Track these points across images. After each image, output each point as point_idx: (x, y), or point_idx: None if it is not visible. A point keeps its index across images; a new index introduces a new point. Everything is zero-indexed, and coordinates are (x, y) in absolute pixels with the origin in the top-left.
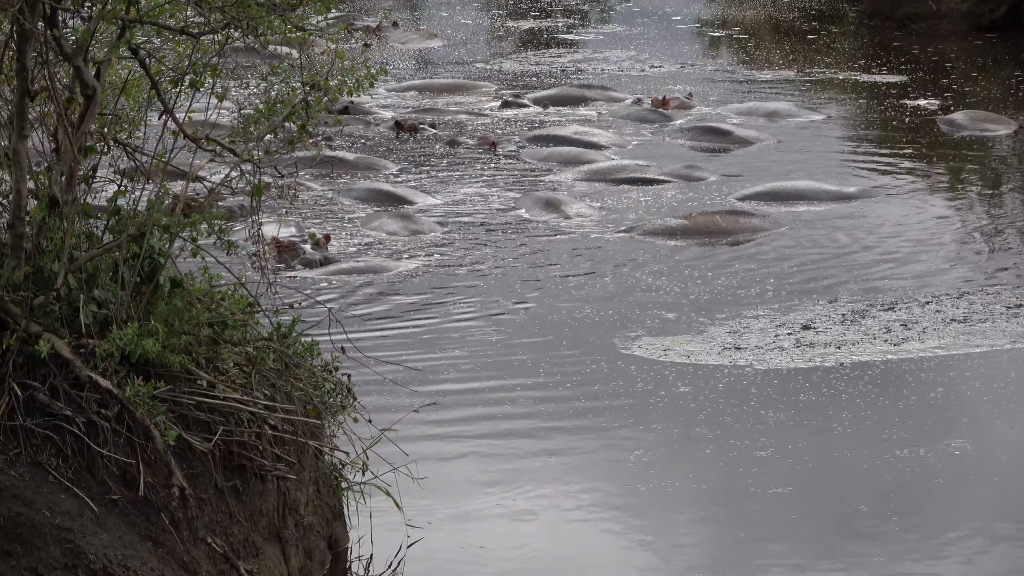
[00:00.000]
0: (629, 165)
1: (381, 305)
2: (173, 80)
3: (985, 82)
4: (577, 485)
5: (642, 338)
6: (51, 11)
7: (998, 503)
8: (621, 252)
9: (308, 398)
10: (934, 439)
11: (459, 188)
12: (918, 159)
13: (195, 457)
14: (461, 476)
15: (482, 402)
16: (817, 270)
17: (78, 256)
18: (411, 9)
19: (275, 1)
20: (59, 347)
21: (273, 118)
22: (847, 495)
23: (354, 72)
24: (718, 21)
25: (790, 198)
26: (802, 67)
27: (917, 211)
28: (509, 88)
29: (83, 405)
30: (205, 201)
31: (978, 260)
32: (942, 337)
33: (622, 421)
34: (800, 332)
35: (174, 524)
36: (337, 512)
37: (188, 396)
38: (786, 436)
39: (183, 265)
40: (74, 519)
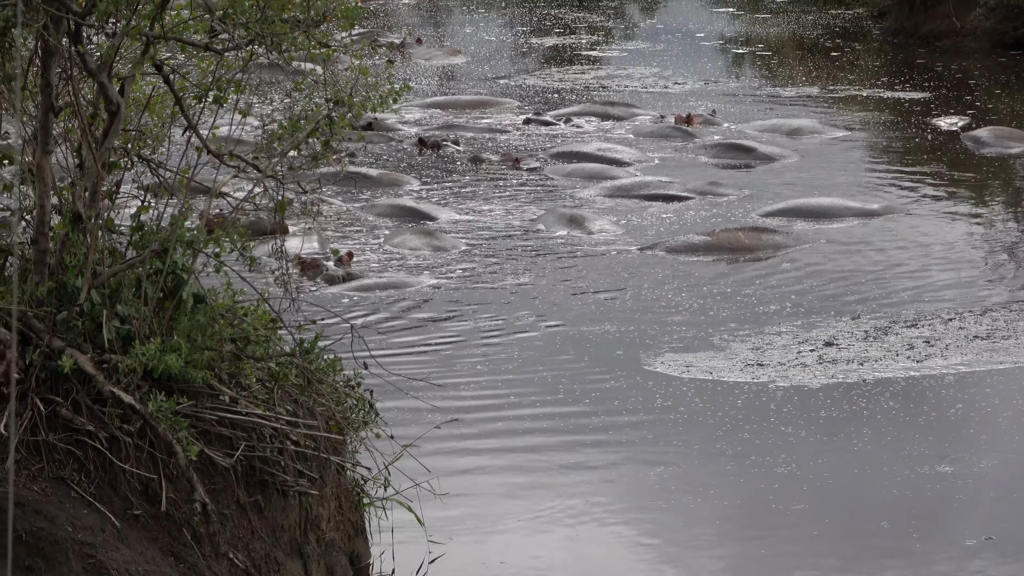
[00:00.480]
0: (652, 182)
1: (404, 321)
2: (197, 96)
3: (1009, 99)
4: (599, 501)
5: (664, 354)
6: (76, 27)
7: (1020, 520)
8: (644, 268)
9: (330, 414)
10: (956, 456)
11: (482, 204)
12: (942, 176)
13: (217, 472)
14: (483, 491)
15: (504, 418)
16: (840, 287)
17: (101, 271)
18: (435, 26)
19: (299, 18)
20: (82, 362)
21: (297, 134)
22: (868, 512)
23: (378, 88)
24: (742, 38)
25: (813, 215)
26: (825, 84)
27: (940, 228)
28: (532, 105)
29: (105, 420)
30: (229, 217)
31: (1001, 277)
32: (965, 354)
33: (644, 437)
34: (823, 349)
35: (196, 539)
36: (359, 528)
37: (210, 411)
38: (808, 453)
39: (206, 281)
40: (96, 534)
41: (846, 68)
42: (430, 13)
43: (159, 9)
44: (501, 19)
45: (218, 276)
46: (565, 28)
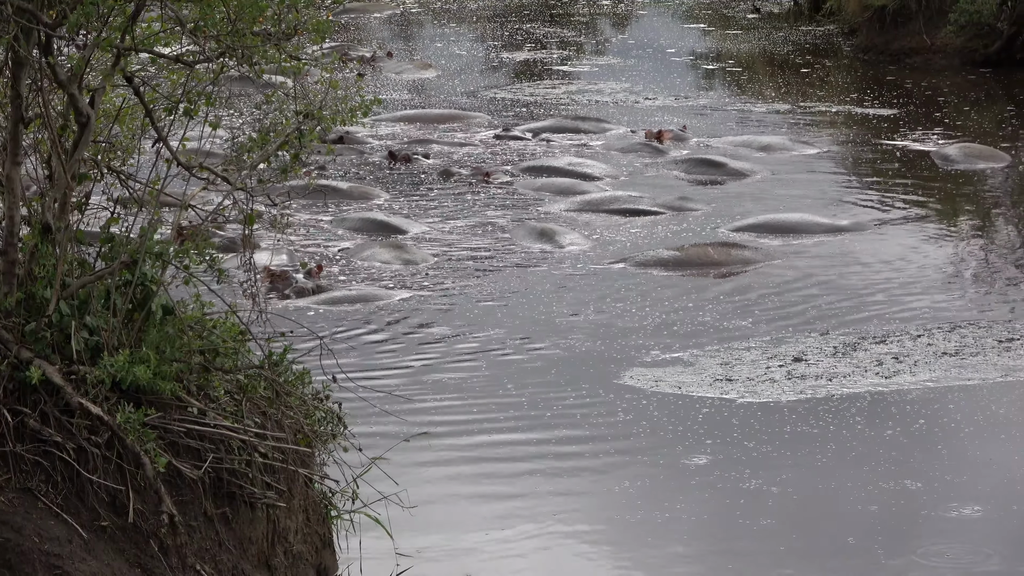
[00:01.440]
0: (622, 196)
1: (373, 334)
2: (167, 108)
3: (978, 117)
4: (568, 515)
5: (633, 369)
6: (46, 39)
7: (985, 536)
8: (613, 283)
9: (299, 426)
10: (923, 472)
11: (452, 218)
12: (911, 193)
13: (185, 484)
14: (452, 505)
15: (473, 432)
16: (809, 302)
17: (70, 283)
18: (406, 40)
19: (270, 31)
20: (50, 373)
21: (266, 147)
22: (835, 528)
23: (347, 102)
24: (712, 54)
25: (783, 231)
26: (796, 100)
27: (910, 245)
28: (503, 119)
29: (73, 431)
30: (198, 229)
31: (970, 294)
32: (934, 370)
33: (611, 451)
34: (791, 364)
35: (163, 551)
36: (326, 541)
37: (178, 423)
38: (776, 468)
39: (175, 292)
40: (63, 545)
41: (816, 84)
42: (401, 27)
43: (130, 21)
44: (472, 33)
45: (187, 288)
46: (536, 43)
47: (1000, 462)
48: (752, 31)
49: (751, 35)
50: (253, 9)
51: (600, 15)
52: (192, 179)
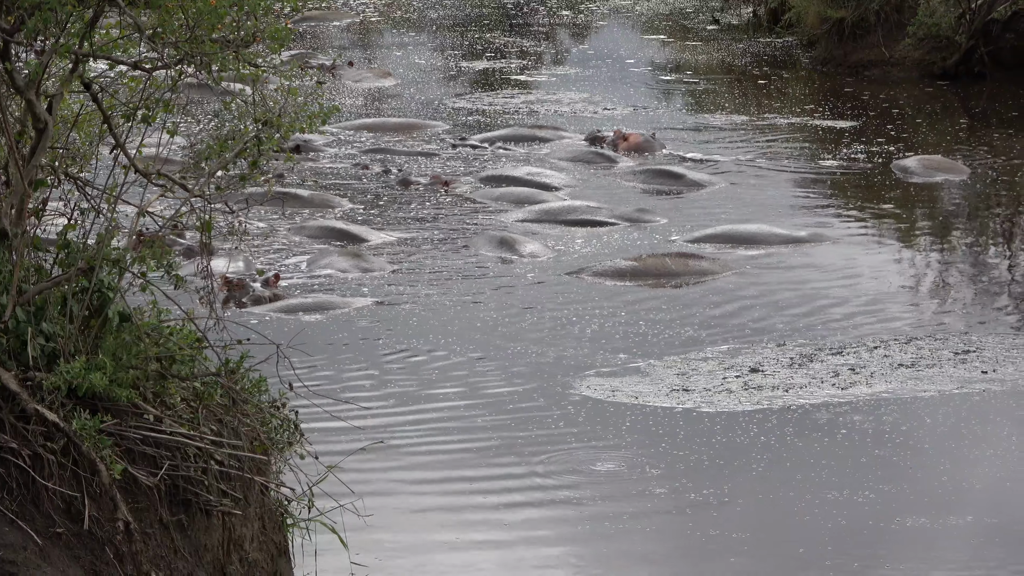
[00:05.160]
0: (580, 206)
1: (330, 343)
2: (125, 115)
3: (936, 129)
4: (523, 522)
5: (590, 378)
6: (4, 44)
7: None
8: (571, 293)
9: (255, 434)
10: (879, 483)
11: (411, 226)
12: (869, 204)
13: (141, 491)
14: (408, 513)
15: (429, 440)
16: (766, 313)
17: (27, 289)
18: (365, 48)
19: (229, 38)
20: (5, 380)
21: (224, 154)
22: (789, 538)
23: (306, 109)
24: (671, 65)
25: (741, 241)
26: (754, 112)
27: (867, 256)
28: (462, 128)
29: (29, 438)
30: (155, 236)
31: (927, 305)
32: (890, 382)
33: (568, 460)
34: (748, 375)
35: (118, 558)
36: (282, 548)
37: (135, 430)
38: (733, 478)
39: (132, 299)
40: (18, 552)
41: (774, 96)
42: (360, 36)
43: (88, 27)
44: (432, 42)
45: (144, 295)
46: (496, 52)
47: (955, 473)
48: (711, 42)
49: (710, 46)
50: (211, 16)
51: (560, 25)
52: (149, 186)
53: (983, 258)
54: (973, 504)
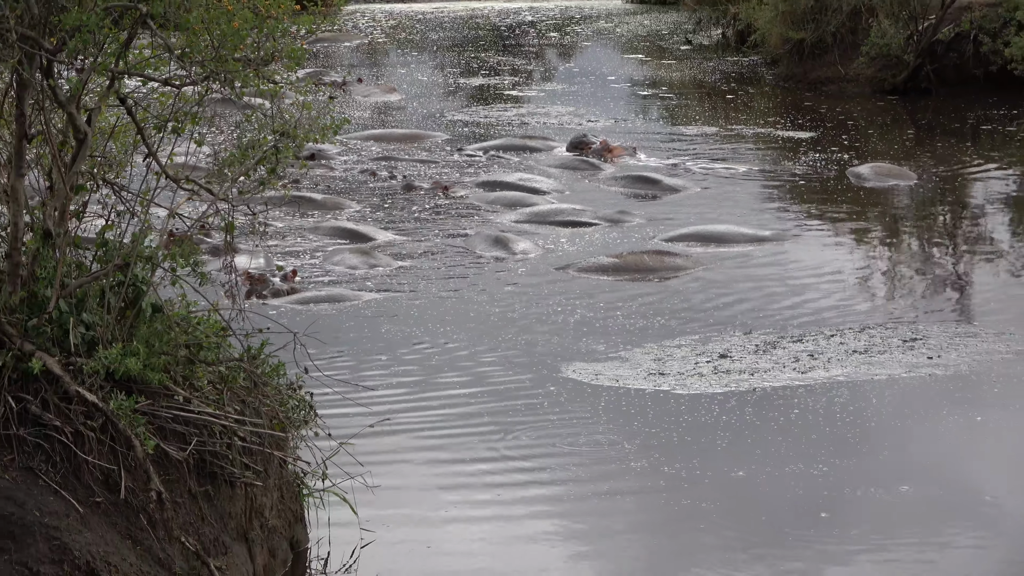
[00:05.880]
0: (567, 209)
1: (342, 331)
2: (157, 126)
3: (887, 139)
4: (519, 494)
5: (576, 363)
6: (48, 63)
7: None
8: (559, 286)
9: (274, 413)
10: (835, 458)
11: (414, 227)
12: (827, 207)
13: (171, 465)
14: (412, 486)
15: (432, 418)
16: (734, 305)
17: (69, 283)
18: (373, 66)
19: (250, 57)
20: (50, 364)
21: (246, 162)
22: (754, 508)
23: (319, 121)
24: (648, 82)
25: (711, 240)
26: (723, 123)
27: (825, 253)
28: (460, 138)
29: (71, 417)
30: (184, 236)
31: (878, 298)
32: (845, 367)
33: (558, 437)
34: (718, 360)
35: (151, 524)
36: (299, 516)
37: (166, 410)
38: (704, 454)
39: (163, 292)
40: (61, 519)
41: (741, 109)
42: (369, 55)
43: (123, 47)
44: (433, 61)
45: (174, 288)
46: (490, 70)
47: (905, 449)
48: (684, 61)
49: (683, 64)
50: (235, 38)
51: (548, 45)
52: (179, 190)
53: (929, 255)
54: (917, 477)
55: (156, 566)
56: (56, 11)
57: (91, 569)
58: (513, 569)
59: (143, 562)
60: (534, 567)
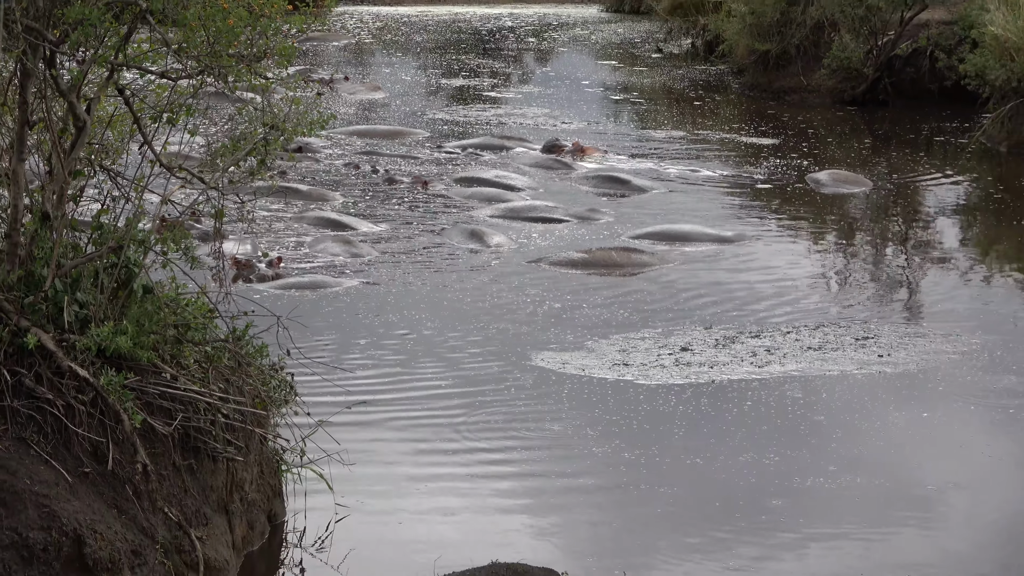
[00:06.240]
0: (540, 206)
1: (323, 315)
2: (153, 116)
3: (845, 147)
4: (487, 474)
5: (545, 352)
6: (51, 54)
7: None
8: (530, 279)
9: (256, 392)
10: (788, 448)
11: (395, 219)
12: (787, 210)
13: (157, 439)
14: (386, 463)
15: (408, 400)
16: (695, 300)
17: (64, 263)
18: (359, 65)
19: (243, 53)
20: (44, 340)
21: (237, 153)
22: (711, 494)
23: (307, 116)
24: (620, 87)
25: (676, 239)
26: (690, 129)
27: (783, 254)
28: (440, 135)
29: (63, 390)
30: (176, 221)
31: (833, 297)
32: (800, 362)
33: (526, 422)
34: (679, 353)
35: (136, 495)
36: (277, 490)
37: (153, 386)
38: (664, 441)
39: (154, 275)
40: (51, 487)
41: (708, 116)
42: (355, 55)
43: (123, 41)
44: (416, 62)
45: (164, 271)
46: (471, 72)
47: (854, 441)
48: (655, 68)
49: (654, 72)
50: (229, 34)
51: (526, 50)
52: (171, 178)
53: (882, 259)
54: (865, 467)
55: (140, 535)
56: (60, 5)
57: (78, 536)
58: (480, 544)
59: (128, 531)
60: (500, 543)
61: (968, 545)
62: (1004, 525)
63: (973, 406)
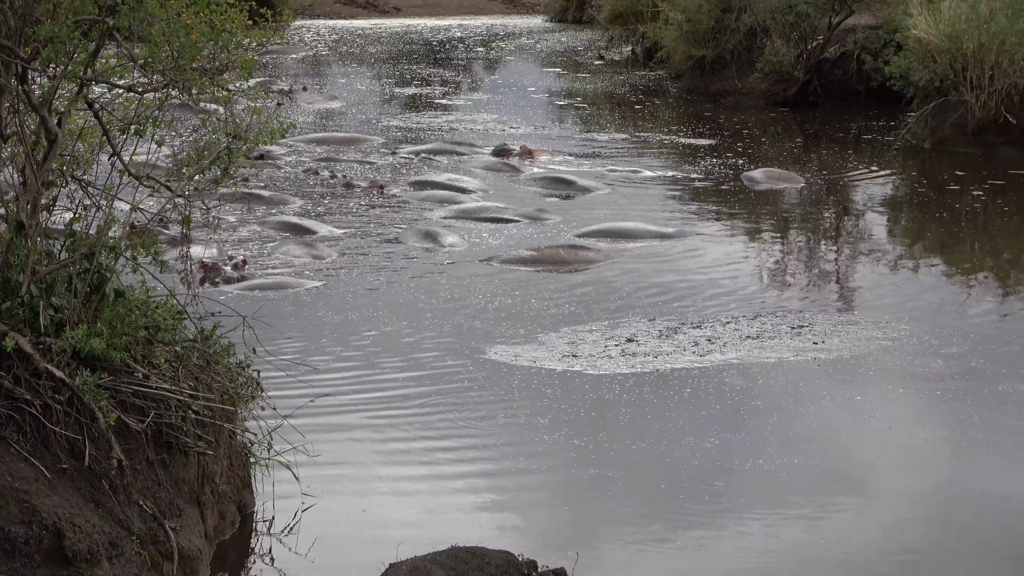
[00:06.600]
0: (490, 207)
1: (287, 315)
2: (121, 128)
3: (777, 146)
4: (446, 465)
5: (497, 345)
6: (22, 70)
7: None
8: (482, 276)
9: (224, 389)
10: (724, 431)
11: (353, 221)
12: (724, 207)
13: (131, 435)
14: (349, 456)
15: (368, 392)
16: (639, 294)
17: (39, 270)
18: (317, 76)
19: (206, 67)
20: (22, 343)
21: (201, 161)
22: (657, 476)
23: (268, 125)
24: (565, 93)
25: (620, 236)
26: (632, 131)
27: (721, 248)
28: (395, 141)
29: (40, 391)
30: (145, 228)
31: (770, 289)
32: (739, 350)
33: (481, 412)
34: (625, 344)
35: (112, 489)
36: (246, 482)
37: (127, 385)
38: (611, 427)
39: (125, 279)
40: (31, 483)
41: (648, 118)
42: (313, 66)
43: (91, 57)
44: (370, 72)
45: (135, 275)
46: (422, 81)
47: (791, 424)
48: (597, 75)
49: (597, 78)
50: (192, 49)
51: (475, 59)
52: (140, 187)
53: (815, 251)
54: (802, 449)
55: (117, 527)
56: (31, 23)
57: (58, 529)
58: (441, 530)
59: (105, 523)
60: (459, 528)
61: (900, 520)
62: (933, 500)
63: (902, 389)
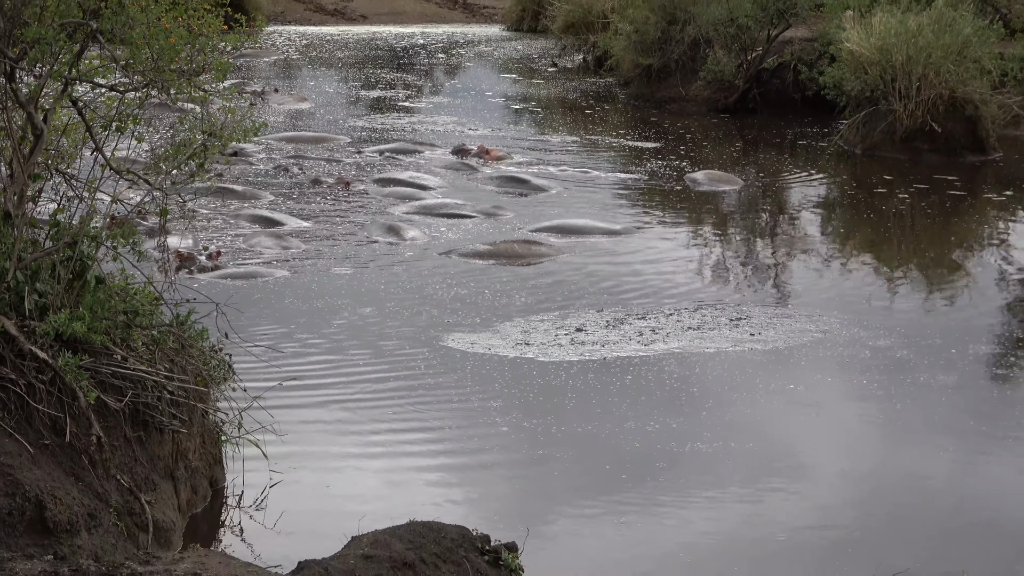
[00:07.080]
0: (449, 203)
1: (257, 302)
2: (103, 125)
3: (718, 150)
4: (407, 444)
5: (455, 334)
6: (10, 69)
7: (718, 466)
8: (442, 268)
9: (198, 371)
10: (671, 417)
11: (320, 216)
12: (668, 206)
13: (110, 413)
14: (315, 435)
15: (333, 376)
16: (589, 286)
17: (25, 257)
18: (288, 79)
19: (184, 68)
20: (7, 326)
21: (179, 157)
22: (602, 459)
23: (241, 124)
24: (520, 97)
25: (571, 232)
26: (582, 134)
27: (665, 244)
28: (360, 141)
29: (25, 371)
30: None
31: (710, 283)
32: (681, 340)
33: (438, 395)
34: (574, 333)
35: (92, 464)
36: (218, 459)
37: (106, 367)
38: (561, 412)
39: (106, 267)
40: (14, 458)
41: (598, 122)
42: (284, 69)
43: (76, 58)
44: (338, 75)
45: (115, 264)
46: (387, 84)
47: (729, 410)
48: (551, 81)
49: (550, 84)
50: (171, 52)
51: (436, 65)
52: (120, 180)
53: (753, 248)
54: (739, 434)
55: (95, 499)
56: (19, 25)
57: (40, 501)
58: (400, 506)
59: (84, 496)
60: (417, 505)
61: (833, 500)
62: (865, 481)
63: (832, 378)
